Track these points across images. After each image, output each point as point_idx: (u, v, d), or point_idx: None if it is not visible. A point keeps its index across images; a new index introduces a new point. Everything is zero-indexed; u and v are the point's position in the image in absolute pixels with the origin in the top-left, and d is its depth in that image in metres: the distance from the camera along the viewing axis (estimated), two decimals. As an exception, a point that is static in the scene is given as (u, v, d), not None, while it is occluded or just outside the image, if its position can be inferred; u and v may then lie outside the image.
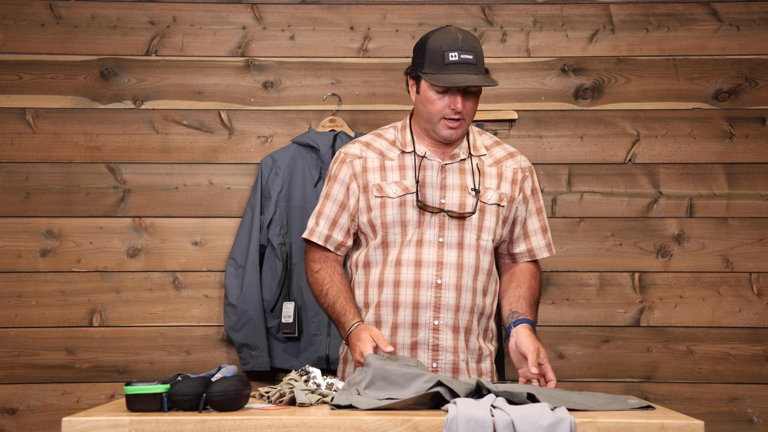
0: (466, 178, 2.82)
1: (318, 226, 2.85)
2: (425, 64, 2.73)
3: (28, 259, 3.67)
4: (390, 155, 2.84)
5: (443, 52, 2.71)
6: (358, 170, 2.83)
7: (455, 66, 2.70)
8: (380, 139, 2.89)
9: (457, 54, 2.71)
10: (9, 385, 3.64)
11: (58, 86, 3.71)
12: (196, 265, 3.69)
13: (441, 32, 2.77)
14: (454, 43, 2.72)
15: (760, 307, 3.67)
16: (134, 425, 2.12)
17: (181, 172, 3.71)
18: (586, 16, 3.74)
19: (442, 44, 2.72)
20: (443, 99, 2.73)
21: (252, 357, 3.54)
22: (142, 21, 3.73)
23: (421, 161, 2.81)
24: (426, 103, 2.75)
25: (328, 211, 2.85)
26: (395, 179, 2.80)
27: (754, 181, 3.70)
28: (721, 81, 3.72)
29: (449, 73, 2.69)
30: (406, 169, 2.81)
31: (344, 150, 2.89)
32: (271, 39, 3.75)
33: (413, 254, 2.77)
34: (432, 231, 2.77)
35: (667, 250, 3.69)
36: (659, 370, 3.67)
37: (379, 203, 2.79)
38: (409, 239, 2.77)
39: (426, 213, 2.78)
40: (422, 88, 2.75)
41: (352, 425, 2.12)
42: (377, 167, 2.83)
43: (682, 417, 2.23)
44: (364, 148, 2.86)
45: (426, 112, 2.76)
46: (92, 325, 3.67)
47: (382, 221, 2.79)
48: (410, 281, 2.76)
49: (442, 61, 2.71)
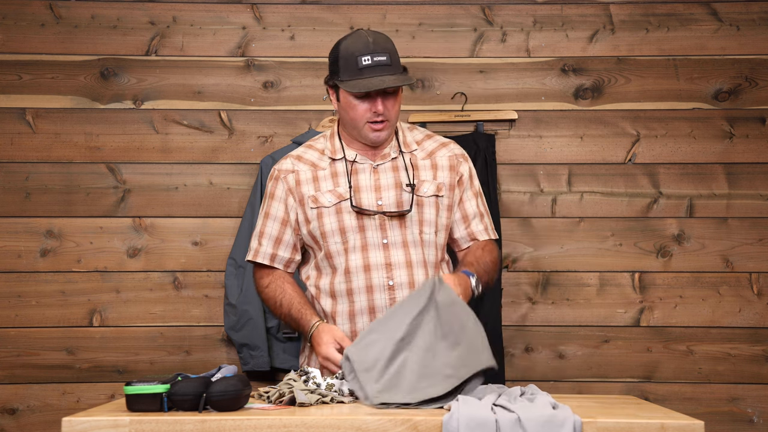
0: (400, 175, 2.81)
1: (261, 246, 2.83)
2: (340, 71, 2.72)
3: (28, 259, 3.67)
4: (321, 165, 2.82)
5: (356, 57, 2.69)
6: (292, 184, 2.81)
7: (369, 69, 2.69)
8: (311, 150, 2.87)
9: (370, 57, 2.69)
10: (9, 385, 3.64)
11: (58, 86, 3.71)
12: (196, 265, 3.69)
13: (352, 37, 2.76)
14: (365, 46, 2.70)
15: (760, 307, 3.67)
16: (134, 425, 2.12)
17: (181, 172, 3.71)
18: (586, 16, 3.74)
19: (353, 50, 2.71)
20: (363, 104, 2.71)
21: (252, 357, 3.54)
22: (142, 21, 3.73)
23: (353, 166, 2.80)
24: (348, 109, 2.74)
25: (269, 229, 2.83)
26: (329, 188, 2.79)
27: (754, 181, 3.70)
28: (721, 81, 3.72)
29: (364, 77, 2.68)
30: (338, 176, 2.80)
31: (277, 167, 2.87)
32: (271, 39, 3.75)
33: (360, 259, 2.75)
34: (374, 233, 2.76)
35: (667, 250, 3.69)
36: (659, 370, 3.67)
37: (316, 214, 2.77)
38: (353, 245, 2.75)
39: (364, 217, 2.76)
40: (342, 96, 2.74)
41: (352, 425, 2.12)
42: (310, 179, 2.81)
43: (682, 417, 2.23)
44: (296, 162, 2.84)
45: (349, 119, 2.75)
46: (92, 325, 3.67)
47: (321, 231, 2.77)
48: (362, 287, 2.74)
49: (356, 66, 2.69)
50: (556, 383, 3.63)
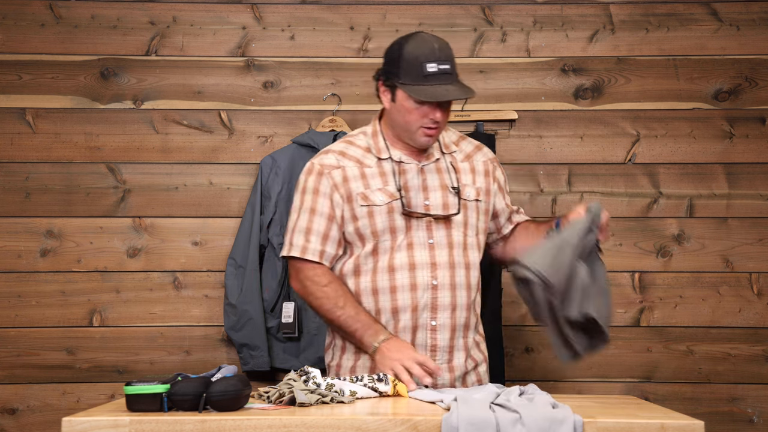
0: (444, 177, 2.82)
1: (310, 243, 2.78)
2: (401, 73, 2.69)
3: (28, 259, 3.67)
4: (367, 162, 2.80)
5: (421, 63, 2.67)
6: (338, 180, 2.78)
7: (434, 77, 2.67)
8: (353, 147, 2.84)
9: (436, 65, 2.68)
10: (9, 385, 3.64)
11: (58, 86, 3.71)
12: (196, 265, 3.69)
13: (416, 41, 2.73)
14: (431, 53, 2.69)
15: (760, 307, 3.67)
16: (134, 425, 2.11)
17: (181, 172, 3.71)
18: (586, 16, 3.74)
19: (418, 54, 2.69)
20: (421, 109, 2.70)
21: (252, 357, 3.54)
22: (142, 21, 3.73)
23: (400, 166, 2.80)
24: (403, 113, 2.72)
25: (317, 226, 2.78)
26: (378, 186, 2.78)
27: (754, 181, 3.70)
28: (721, 81, 3.72)
29: (429, 84, 2.67)
30: (386, 175, 2.79)
31: (318, 161, 2.82)
32: (271, 39, 3.75)
33: (405, 258, 2.75)
34: (421, 233, 2.77)
35: (667, 250, 3.69)
36: (659, 370, 3.67)
37: (366, 212, 2.76)
38: (400, 244, 2.76)
39: (412, 218, 2.77)
40: (399, 98, 2.72)
41: (352, 425, 2.12)
42: (357, 175, 2.79)
43: (682, 417, 2.23)
44: (340, 158, 2.81)
45: (403, 122, 2.74)
46: (92, 325, 3.67)
47: (372, 230, 2.76)
48: (406, 285, 2.75)
49: (420, 73, 2.67)
50: (556, 383, 3.63)
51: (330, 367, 2.87)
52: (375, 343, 2.67)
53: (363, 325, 2.71)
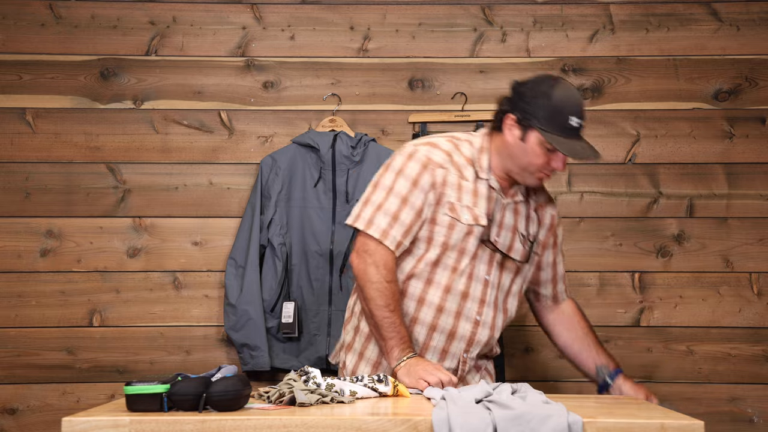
0: (519, 222, 2.82)
1: (392, 230, 2.69)
2: (542, 117, 2.64)
3: (28, 259, 3.67)
4: (466, 175, 2.76)
5: (567, 115, 2.64)
6: (438, 180, 2.72)
7: (574, 132, 2.66)
8: (458, 153, 2.78)
9: (578, 120, 2.66)
10: (9, 385, 3.64)
11: (58, 86, 3.71)
12: (196, 265, 3.69)
13: (563, 89, 2.68)
14: (576, 107, 2.66)
15: (760, 307, 3.67)
16: (134, 425, 2.11)
17: (181, 172, 3.71)
18: (586, 16, 3.74)
19: (565, 105, 2.65)
20: (548, 156, 2.68)
21: (252, 357, 3.54)
22: (142, 21, 3.73)
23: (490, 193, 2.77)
24: (531, 155, 2.68)
25: (405, 217, 2.70)
26: (467, 203, 2.74)
27: (754, 181, 3.70)
28: (721, 81, 3.72)
29: (568, 138, 2.65)
30: (478, 197, 2.75)
31: (426, 152, 2.75)
32: (271, 39, 3.74)
33: (463, 285, 2.75)
34: (482, 267, 2.76)
35: (667, 250, 3.69)
36: (659, 370, 3.67)
37: (448, 222, 2.72)
38: (462, 269, 2.74)
39: (482, 247, 2.75)
40: (531, 141, 2.67)
41: (352, 425, 2.12)
42: (455, 184, 2.74)
43: (683, 417, 2.23)
44: (447, 160, 2.75)
45: (526, 163, 2.70)
46: (92, 325, 3.67)
47: (444, 241, 2.73)
48: (453, 311, 2.75)
49: (563, 124, 2.64)
50: (556, 383, 3.63)
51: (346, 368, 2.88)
52: (402, 359, 2.65)
53: (400, 338, 2.67)
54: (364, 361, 2.84)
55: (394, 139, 3.70)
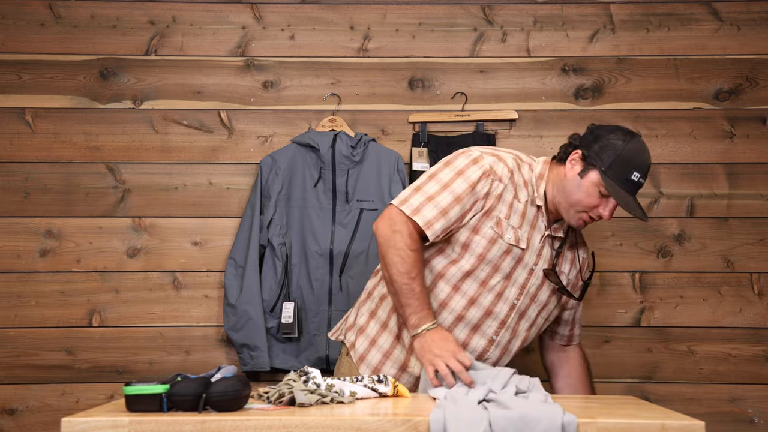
0: (561, 262, 2.86)
1: (437, 223, 2.68)
2: (607, 162, 2.70)
3: (27, 259, 3.66)
4: (520, 197, 2.78)
5: (631, 169, 2.69)
6: (494, 193, 2.73)
7: (633, 185, 2.70)
8: (519, 174, 2.79)
9: (640, 178, 2.71)
10: (8, 386, 3.64)
11: (58, 86, 3.70)
12: (195, 265, 3.69)
13: (638, 145, 2.74)
14: (643, 165, 2.72)
15: (760, 307, 3.67)
16: (134, 425, 2.11)
17: (180, 172, 3.71)
18: (586, 16, 3.74)
19: (634, 159, 2.70)
20: (599, 200, 2.72)
21: (252, 357, 3.54)
22: (142, 21, 3.72)
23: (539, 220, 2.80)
24: (583, 193, 2.72)
25: (452, 214, 2.70)
26: (514, 224, 2.75)
27: (755, 181, 3.69)
28: (722, 81, 3.72)
29: (626, 189, 2.69)
30: (525, 219, 2.77)
31: (491, 162, 2.75)
32: (271, 39, 3.74)
33: (489, 302, 2.76)
34: (513, 290, 2.77)
35: (667, 250, 3.69)
36: (660, 370, 3.66)
37: (491, 236, 2.73)
38: (492, 286, 2.75)
39: (517, 270, 2.77)
40: (589, 179, 2.71)
41: (352, 425, 2.12)
42: (508, 202, 2.75)
43: (683, 417, 2.23)
44: (508, 177, 2.76)
45: (576, 199, 2.73)
46: (92, 325, 3.66)
47: (482, 253, 2.73)
48: (472, 323, 2.76)
49: (625, 176, 2.69)
50: (556, 383, 3.62)
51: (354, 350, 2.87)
52: (420, 328, 2.63)
53: (419, 305, 2.64)
54: (376, 348, 2.83)
55: (394, 139, 3.69)
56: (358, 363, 2.87)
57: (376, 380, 2.52)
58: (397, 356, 2.80)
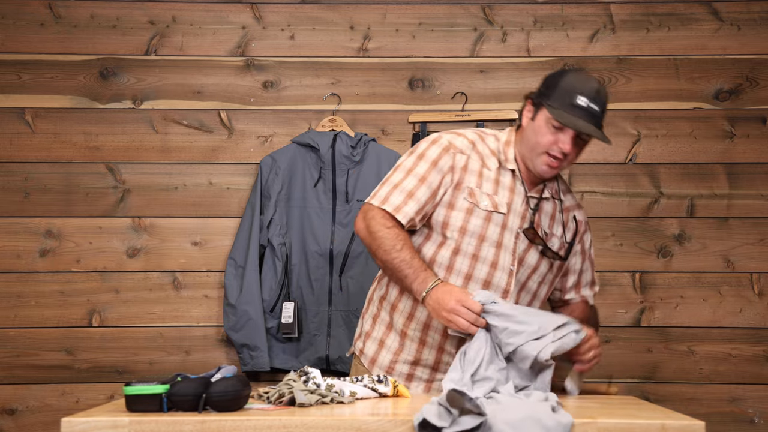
0: (541, 218, 2.82)
1: (406, 206, 2.69)
2: (552, 96, 2.70)
3: (27, 259, 3.66)
4: (489, 164, 2.78)
5: (575, 94, 2.68)
6: (459, 165, 2.75)
7: (580, 111, 2.67)
8: (482, 144, 2.81)
9: (587, 101, 2.68)
10: (8, 386, 3.64)
11: (58, 86, 3.70)
12: (195, 265, 3.69)
13: (580, 75, 2.76)
14: (588, 90, 2.69)
15: (761, 307, 3.67)
16: (134, 426, 2.11)
17: (180, 172, 3.71)
18: (586, 16, 3.74)
19: (577, 86, 2.69)
20: (555, 135, 2.70)
21: (252, 357, 3.54)
22: (142, 21, 3.72)
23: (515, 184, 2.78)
24: (538, 133, 2.71)
25: (420, 194, 2.72)
26: (488, 191, 2.75)
27: (755, 181, 3.69)
28: (722, 81, 3.72)
29: (576, 115, 2.67)
30: (499, 185, 2.77)
31: (449, 138, 2.79)
32: (271, 39, 3.74)
33: (485, 274, 2.74)
34: (507, 257, 2.75)
35: (667, 250, 3.69)
36: (660, 370, 3.66)
37: (467, 208, 2.73)
38: (484, 257, 2.74)
39: (505, 235, 2.75)
40: (539, 118, 2.71)
41: (352, 425, 2.12)
42: (476, 171, 2.76)
43: (683, 417, 2.22)
44: (470, 147, 2.79)
45: (533, 142, 2.73)
46: (91, 325, 3.66)
47: (462, 226, 2.73)
48: None
49: (570, 101, 2.67)
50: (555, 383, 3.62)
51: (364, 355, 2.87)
52: (423, 291, 2.62)
53: (414, 271, 2.65)
54: (385, 349, 2.83)
55: (394, 139, 3.69)
56: (369, 366, 2.86)
57: (376, 380, 2.51)
58: (407, 353, 2.80)
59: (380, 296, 2.86)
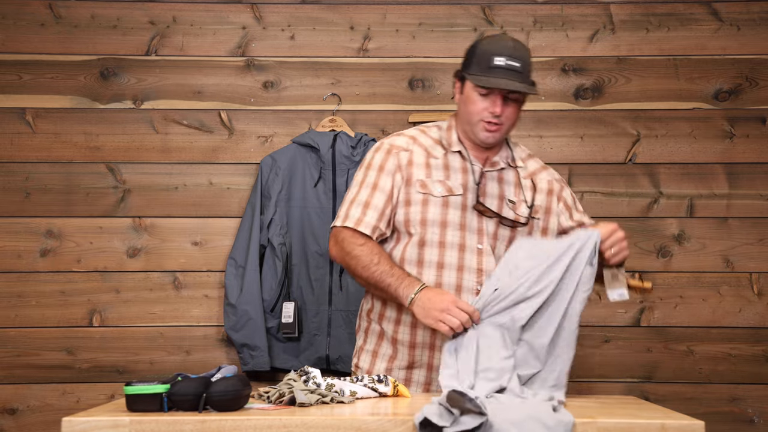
0: (504, 188, 2.82)
1: (366, 216, 2.75)
2: (472, 65, 2.73)
3: (28, 259, 3.67)
4: (435, 153, 2.81)
5: (491, 56, 2.71)
6: (403, 162, 2.79)
7: (500, 70, 2.70)
8: (425, 136, 2.86)
9: (504, 59, 2.70)
10: (9, 385, 3.64)
11: (58, 86, 3.71)
12: (196, 265, 3.69)
13: (494, 38, 2.80)
14: (503, 48, 2.72)
15: (760, 307, 3.67)
16: (134, 425, 2.11)
17: (181, 172, 3.71)
18: (586, 16, 3.74)
19: (491, 48, 2.73)
20: (484, 101, 2.72)
21: (252, 357, 3.54)
22: (142, 21, 3.72)
23: (464, 164, 2.80)
24: (468, 103, 2.74)
25: (376, 201, 2.76)
26: (439, 178, 2.78)
27: (755, 181, 3.70)
28: (722, 81, 3.72)
29: (493, 76, 2.69)
30: (450, 169, 2.79)
31: (389, 141, 2.84)
32: (271, 39, 3.74)
33: (455, 258, 2.75)
34: (472, 237, 2.76)
35: (667, 250, 3.69)
36: (659, 370, 3.67)
37: (422, 199, 2.76)
38: (451, 242, 2.75)
39: (467, 216, 2.76)
40: (466, 89, 2.75)
41: (352, 425, 2.12)
42: (422, 163, 2.79)
43: (683, 417, 2.23)
44: (411, 142, 2.83)
45: (467, 113, 2.76)
46: (92, 325, 3.66)
47: (422, 218, 2.75)
48: (452, 285, 2.74)
49: (487, 64, 2.70)
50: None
51: (360, 369, 2.87)
52: (411, 294, 2.63)
53: (397, 279, 2.66)
54: (379, 359, 2.83)
55: (394, 139, 3.69)
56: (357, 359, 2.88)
57: (376, 380, 2.52)
58: (401, 358, 2.80)
59: (368, 310, 2.87)
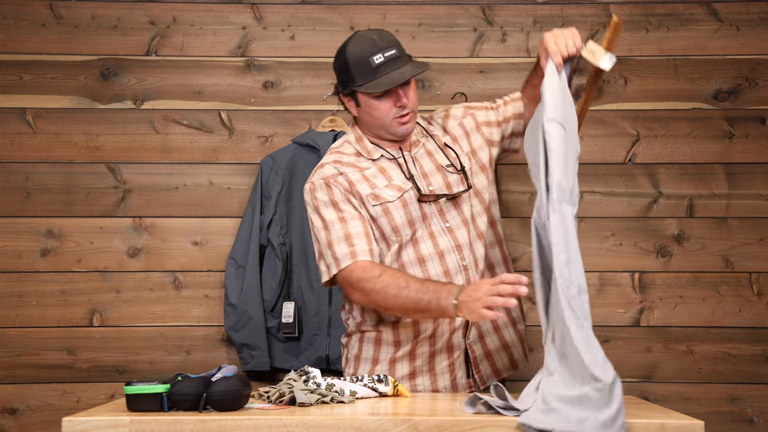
0: (437, 158, 2.85)
1: (356, 246, 2.68)
2: (354, 77, 2.72)
3: (28, 259, 3.67)
4: (363, 165, 2.81)
5: (367, 59, 2.70)
6: (346, 186, 2.76)
7: (384, 66, 2.70)
8: (344, 156, 2.84)
9: (381, 54, 2.70)
10: (9, 385, 3.64)
11: (58, 86, 3.71)
12: (196, 265, 3.69)
13: (355, 41, 2.76)
14: (373, 45, 2.71)
15: (760, 307, 3.67)
16: (134, 425, 2.12)
17: (181, 172, 3.71)
18: (586, 16, 3.74)
19: (362, 52, 2.71)
20: (386, 101, 2.73)
21: (252, 357, 3.54)
22: (142, 21, 3.73)
23: (394, 160, 2.82)
24: (371, 111, 2.75)
25: (354, 229, 2.71)
26: (384, 183, 2.79)
27: (754, 181, 3.70)
28: (721, 81, 3.72)
29: (381, 75, 2.69)
30: (386, 171, 2.81)
31: (318, 177, 2.78)
32: (271, 39, 3.75)
33: (431, 247, 2.77)
34: (436, 220, 2.79)
35: (667, 250, 3.69)
36: (659, 370, 3.67)
37: (382, 210, 2.76)
38: (421, 235, 2.77)
39: (424, 205, 2.78)
40: (362, 101, 2.75)
41: (351, 425, 2.12)
42: (360, 178, 2.79)
43: (682, 417, 2.23)
44: (337, 166, 2.80)
45: (374, 120, 2.76)
46: (92, 325, 3.67)
47: (392, 227, 2.76)
48: (440, 273, 2.76)
49: (369, 68, 2.70)
50: (556, 383, 3.63)
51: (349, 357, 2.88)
52: (453, 300, 2.53)
53: (434, 292, 2.57)
54: (363, 361, 2.84)
55: (394, 139, 3.70)
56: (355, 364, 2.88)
57: (376, 380, 2.52)
58: (384, 360, 2.81)
59: (357, 323, 2.87)
